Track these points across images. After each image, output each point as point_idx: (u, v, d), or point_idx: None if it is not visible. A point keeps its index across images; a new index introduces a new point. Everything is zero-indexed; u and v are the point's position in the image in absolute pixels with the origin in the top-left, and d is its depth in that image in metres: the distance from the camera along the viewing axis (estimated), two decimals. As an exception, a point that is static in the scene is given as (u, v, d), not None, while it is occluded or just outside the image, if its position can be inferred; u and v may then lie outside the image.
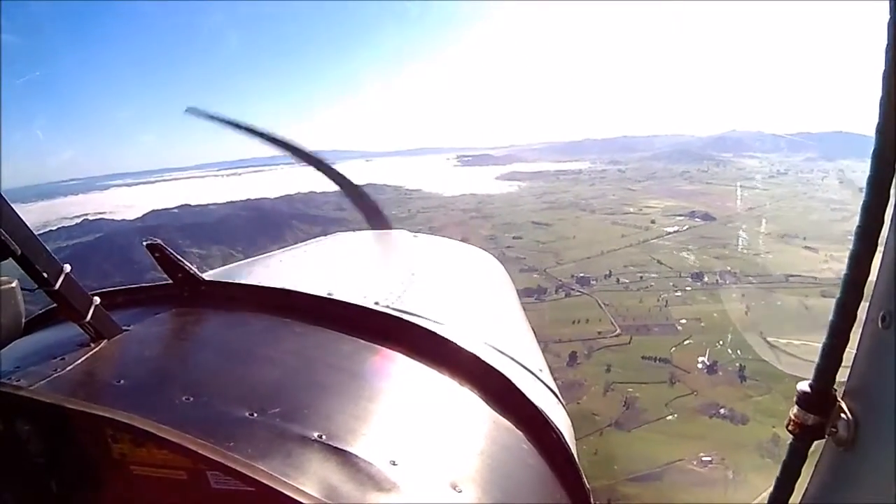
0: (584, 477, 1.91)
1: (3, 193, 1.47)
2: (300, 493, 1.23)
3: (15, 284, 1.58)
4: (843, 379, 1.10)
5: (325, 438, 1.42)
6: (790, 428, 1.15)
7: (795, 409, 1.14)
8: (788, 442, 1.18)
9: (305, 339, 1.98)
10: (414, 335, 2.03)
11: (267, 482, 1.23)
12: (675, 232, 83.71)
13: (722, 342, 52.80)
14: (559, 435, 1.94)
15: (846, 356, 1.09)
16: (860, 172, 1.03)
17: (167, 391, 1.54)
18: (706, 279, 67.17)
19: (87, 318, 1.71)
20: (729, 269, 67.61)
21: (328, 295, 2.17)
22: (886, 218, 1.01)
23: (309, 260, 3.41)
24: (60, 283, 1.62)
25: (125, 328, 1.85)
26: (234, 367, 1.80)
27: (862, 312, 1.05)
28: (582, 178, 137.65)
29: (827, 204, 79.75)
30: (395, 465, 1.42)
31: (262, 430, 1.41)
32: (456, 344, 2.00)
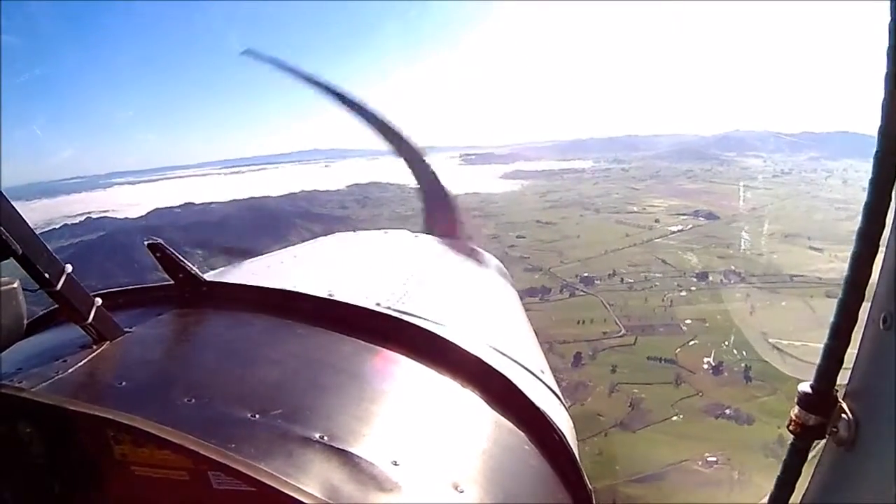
0: (586, 478, 1.90)
1: (3, 192, 1.47)
2: (302, 493, 1.23)
3: (16, 285, 1.58)
4: (844, 380, 1.10)
5: (326, 439, 1.42)
6: (791, 428, 1.15)
7: (796, 409, 1.14)
8: (789, 442, 1.18)
9: (307, 340, 1.98)
10: (415, 336, 2.03)
11: (269, 482, 1.23)
12: (679, 231, 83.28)
13: (727, 343, 52.42)
14: (561, 436, 1.93)
15: (847, 357, 1.09)
16: (863, 172, 1.02)
17: (169, 393, 1.54)
18: (711, 279, 66.75)
19: (88, 319, 1.71)
20: (733, 268, 67.11)
21: (329, 296, 2.17)
22: (888, 219, 1.01)
23: (310, 260, 3.41)
24: (62, 283, 1.62)
25: (127, 329, 1.86)
26: (235, 368, 1.80)
27: (863, 313, 1.05)
28: (585, 176, 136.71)
29: (831, 203, 79.32)
30: (396, 465, 1.42)
31: (263, 430, 1.41)
32: (457, 345, 2.00)
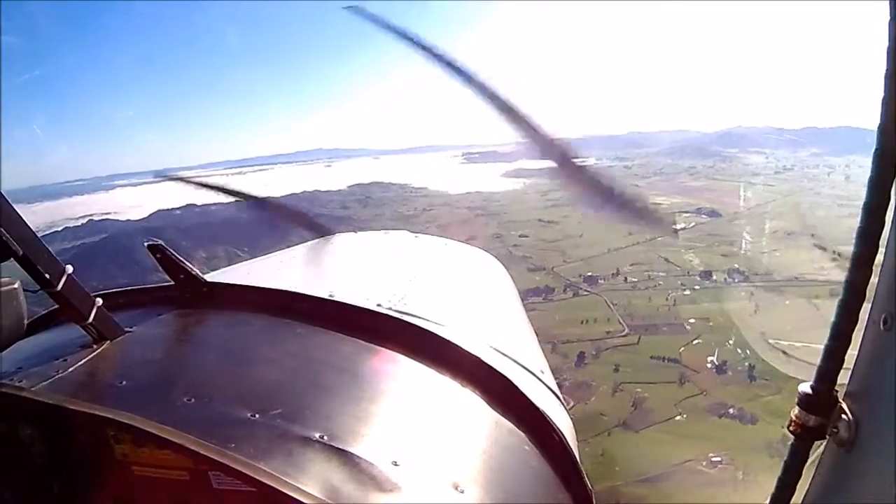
0: (585, 478, 1.90)
1: (4, 194, 1.47)
2: (302, 493, 1.23)
3: (17, 285, 1.59)
4: (844, 380, 1.09)
5: (326, 439, 1.42)
6: (791, 428, 1.15)
7: (797, 409, 1.14)
8: (790, 442, 1.18)
9: (307, 340, 1.99)
10: (415, 337, 2.03)
11: (269, 482, 1.23)
12: (682, 229, 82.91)
13: (731, 342, 52.25)
14: (561, 436, 1.93)
15: (847, 357, 1.09)
16: (867, 168, 1.01)
17: (169, 392, 1.55)
18: (714, 278, 66.48)
19: (89, 319, 1.72)
20: (737, 266, 66.84)
21: (329, 296, 2.17)
22: (888, 219, 1.00)
23: (310, 261, 3.42)
24: (62, 284, 1.62)
25: (127, 329, 1.86)
26: (235, 368, 1.80)
27: (864, 314, 1.05)
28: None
29: (834, 200, 78.76)
30: (397, 465, 1.42)
31: (263, 430, 1.42)
32: (457, 345, 2.00)
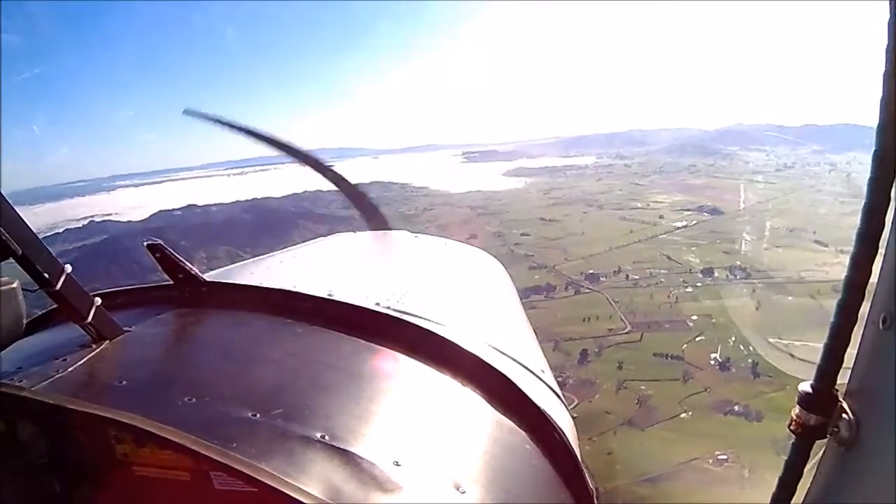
0: (587, 477, 1.90)
1: (3, 194, 1.47)
2: (303, 493, 1.23)
3: (16, 285, 1.59)
4: (844, 380, 1.09)
5: (327, 439, 1.42)
6: (792, 428, 1.15)
7: (797, 408, 1.14)
8: (791, 442, 1.18)
9: (307, 339, 1.99)
10: (415, 336, 2.04)
11: (270, 482, 1.23)
12: (683, 227, 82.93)
13: (734, 338, 52.20)
14: (562, 435, 1.93)
15: (847, 357, 1.09)
16: (867, 165, 1.01)
17: (169, 392, 1.55)
18: (716, 275, 66.45)
19: (88, 318, 1.72)
20: (738, 264, 66.78)
21: (329, 296, 2.18)
22: (887, 220, 1.00)
23: (310, 260, 3.42)
24: (61, 283, 1.62)
25: (126, 329, 1.86)
26: (235, 367, 1.81)
27: (863, 314, 1.05)
28: (588, 173, 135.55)
29: (835, 197, 78.65)
30: (398, 465, 1.42)
31: (264, 430, 1.41)
32: (458, 345, 2.00)
